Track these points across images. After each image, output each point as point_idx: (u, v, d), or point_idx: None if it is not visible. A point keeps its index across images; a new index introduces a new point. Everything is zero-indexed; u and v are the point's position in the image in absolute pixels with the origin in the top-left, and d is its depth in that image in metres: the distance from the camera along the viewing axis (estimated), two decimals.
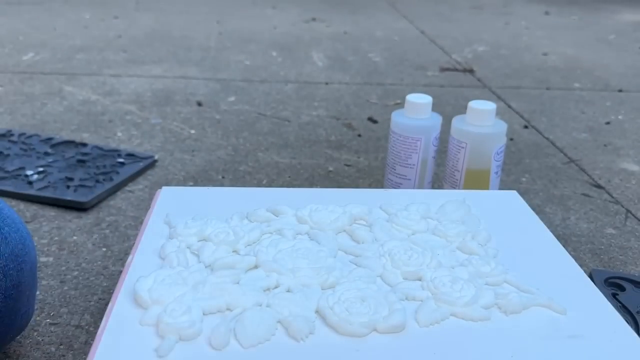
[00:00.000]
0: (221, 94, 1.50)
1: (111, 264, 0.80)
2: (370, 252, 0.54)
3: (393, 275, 0.52)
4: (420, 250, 0.54)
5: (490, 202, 0.67)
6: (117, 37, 2.03)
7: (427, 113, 0.88)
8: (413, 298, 0.49)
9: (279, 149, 1.17)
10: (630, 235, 0.94)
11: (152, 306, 0.46)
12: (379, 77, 1.72)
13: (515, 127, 1.37)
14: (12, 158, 1.06)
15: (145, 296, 0.47)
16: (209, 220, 0.58)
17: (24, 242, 0.59)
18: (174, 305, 0.45)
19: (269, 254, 0.52)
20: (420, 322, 0.46)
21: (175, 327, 0.43)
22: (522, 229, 0.62)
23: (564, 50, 2.14)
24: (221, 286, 0.47)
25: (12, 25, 2.10)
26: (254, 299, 0.46)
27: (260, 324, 0.44)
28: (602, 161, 1.21)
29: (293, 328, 0.44)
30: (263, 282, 0.49)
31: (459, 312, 0.48)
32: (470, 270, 0.52)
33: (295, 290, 0.48)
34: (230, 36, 2.12)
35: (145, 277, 0.49)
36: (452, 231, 0.58)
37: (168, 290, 0.47)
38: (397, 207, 0.62)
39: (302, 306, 0.46)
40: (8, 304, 0.55)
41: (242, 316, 0.44)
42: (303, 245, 0.53)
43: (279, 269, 0.50)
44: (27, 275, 0.58)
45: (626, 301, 0.71)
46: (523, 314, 0.49)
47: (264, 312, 0.45)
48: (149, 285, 0.48)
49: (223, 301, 0.46)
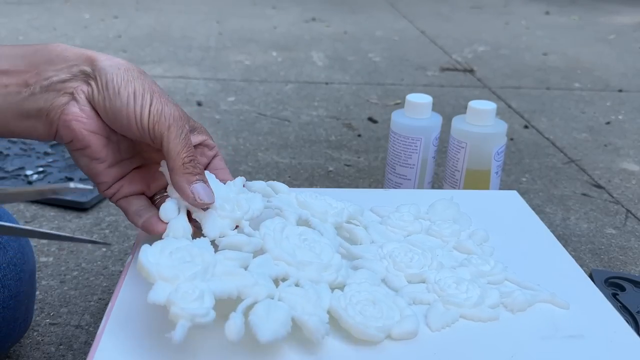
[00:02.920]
0: (221, 94, 1.50)
1: (111, 264, 0.79)
2: (370, 254, 0.54)
3: (397, 278, 0.51)
4: (420, 251, 0.54)
5: (491, 202, 0.67)
6: (117, 37, 2.03)
7: (427, 113, 0.88)
8: (420, 301, 0.49)
9: (279, 149, 1.17)
10: (630, 235, 0.94)
11: (160, 282, 0.43)
12: (379, 77, 1.72)
13: (516, 127, 1.37)
14: (12, 158, 1.06)
15: (152, 270, 0.43)
16: (209, 177, 0.54)
17: (22, 250, 0.58)
18: (185, 287, 0.42)
19: (276, 239, 0.50)
20: (432, 327, 0.46)
21: (190, 313, 0.40)
22: (522, 229, 0.62)
23: (564, 50, 2.14)
24: (231, 270, 0.45)
25: (12, 25, 2.10)
26: (266, 290, 0.44)
27: (277, 319, 0.42)
28: (602, 161, 1.21)
29: (309, 327, 0.43)
30: (272, 270, 0.47)
31: (467, 314, 0.48)
32: (472, 270, 0.52)
33: (305, 286, 0.47)
34: (230, 36, 2.12)
35: (151, 246, 0.45)
36: (446, 231, 0.58)
37: (177, 267, 0.44)
38: (388, 210, 0.62)
39: (314, 304, 0.45)
40: (6, 314, 0.55)
41: (257, 309, 0.43)
42: (309, 236, 0.52)
43: (286, 259, 0.48)
44: (25, 284, 0.58)
45: (626, 301, 0.71)
46: (522, 313, 0.49)
47: (279, 307, 0.43)
48: (155, 258, 0.44)
49: (234, 287, 0.44)
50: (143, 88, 0.47)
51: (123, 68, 0.48)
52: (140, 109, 0.46)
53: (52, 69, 0.47)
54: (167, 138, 0.47)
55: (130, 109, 0.46)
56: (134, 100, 0.46)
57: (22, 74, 0.47)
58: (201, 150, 0.54)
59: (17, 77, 0.46)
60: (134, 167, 0.52)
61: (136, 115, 0.47)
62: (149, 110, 0.46)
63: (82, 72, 0.48)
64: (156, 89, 0.48)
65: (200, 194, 0.48)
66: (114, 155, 0.50)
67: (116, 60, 0.48)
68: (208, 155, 0.54)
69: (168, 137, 0.47)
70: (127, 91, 0.47)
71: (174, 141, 0.47)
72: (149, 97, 0.47)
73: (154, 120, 0.46)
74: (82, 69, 0.48)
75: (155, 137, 0.47)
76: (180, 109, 0.48)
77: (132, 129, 0.47)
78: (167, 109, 0.47)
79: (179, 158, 0.47)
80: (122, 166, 0.51)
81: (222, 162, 0.55)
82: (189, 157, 0.47)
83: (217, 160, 0.55)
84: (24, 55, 0.47)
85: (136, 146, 0.51)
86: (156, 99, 0.47)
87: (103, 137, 0.49)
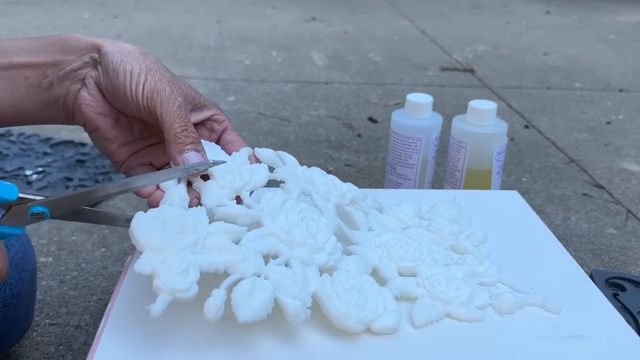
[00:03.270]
0: (221, 94, 1.50)
1: (110, 264, 0.79)
2: (365, 240, 0.53)
3: (389, 268, 0.51)
4: (416, 245, 0.54)
5: (491, 202, 0.67)
6: (117, 37, 2.03)
7: (428, 113, 0.88)
8: (408, 295, 0.49)
9: (279, 148, 1.16)
10: (630, 236, 0.94)
11: (148, 252, 0.42)
12: (379, 77, 1.72)
13: (516, 127, 1.37)
14: (12, 158, 1.06)
15: (142, 239, 0.43)
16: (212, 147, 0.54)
17: (24, 249, 0.58)
18: (171, 260, 0.41)
19: (274, 214, 0.49)
20: (415, 321, 0.46)
21: (171, 287, 0.40)
22: (522, 229, 0.62)
23: (564, 50, 2.13)
24: (222, 244, 0.44)
25: (12, 25, 2.10)
26: (254, 267, 0.44)
27: (260, 298, 0.42)
28: (602, 161, 1.21)
29: (289, 312, 0.43)
30: (264, 246, 0.47)
31: (454, 312, 0.47)
32: (465, 270, 0.52)
33: (294, 266, 0.46)
34: (230, 36, 2.12)
35: (145, 214, 0.44)
36: (446, 229, 0.58)
37: (167, 238, 0.43)
38: (389, 203, 0.62)
39: (299, 287, 0.44)
40: (8, 313, 0.55)
41: (241, 287, 0.43)
42: (309, 214, 0.51)
43: (280, 236, 0.48)
44: (26, 284, 0.58)
45: (627, 301, 0.71)
46: (523, 314, 0.49)
47: (263, 286, 0.43)
48: (147, 226, 0.43)
49: (222, 262, 0.43)
50: (140, 68, 0.50)
51: (124, 51, 0.51)
52: (135, 87, 0.49)
53: (67, 59, 0.50)
54: (160, 112, 0.49)
55: (127, 87, 0.49)
56: (130, 79, 0.49)
57: (41, 67, 0.50)
58: (210, 125, 0.55)
59: (36, 70, 0.50)
60: (146, 146, 0.54)
61: (132, 93, 0.49)
62: (143, 87, 0.49)
63: (92, 59, 0.51)
64: (153, 67, 0.50)
65: (190, 161, 0.49)
66: (124, 135, 0.53)
67: (120, 44, 0.51)
68: (217, 130, 0.55)
69: (161, 111, 0.49)
70: (124, 71, 0.49)
71: (166, 113, 0.49)
72: (144, 75, 0.49)
73: (147, 96, 0.49)
74: (91, 56, 0.51)
75: (150, 113, 0.49)
76: (175, 85, 0.50)
77: (131, 107, 0.50)
78: (159, 85, 0.49)
79: (172, 129, 0.48)
80: (135, 146, 0.54)
81: (234, 134, 0.56)
82: (181, 127, 0.49)
83: (228, 133, 0.55)
84: (40, 48, 0.51)
85: (150, 127, 0.53)
86: (151, 76, 0.49)
87: (111, 118, 0.52)
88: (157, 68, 0.50)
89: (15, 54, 0.50)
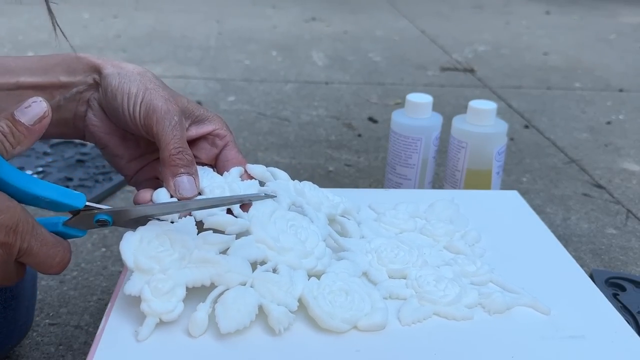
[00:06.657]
0: (221, 94, 1.50)
1: (110, 264, 0.79)
2: (357, 247, 0.54)
3: (378, 272, 0.51)
4: (407, 248, 0.54)
5: (491, 202, 0.67)
6: (117, 37, 2.03)
7: (428, 113, 0.88)
8: (397, 296, 0.49)
9: (279, 148, 1.17)
10: (631, 236, 0.94)
11: (136, 274, 0.45)
12: (379, 77, 1.72)
13: (516, 126, 1.37)
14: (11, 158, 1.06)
15: (130, 262, 0.45)
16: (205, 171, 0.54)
17: None
18: (156, 282, 0.44)
19: (262, 222, 0.50)
20: (402, 320, 0.47)
21: (157, 311, 0.43)
22: (522, 229, 0.62)
23: (564, 50, 2.13)
24: (208, 257, 0.46)
25: (12, 25, 2.10)
26: (239, 277, 0.45)
27: (241, 308, 0.44)
28: (602, 161, 1.21)
29: (272, 318, 0.44)
30: (252, 253, 0.48)
31: (441, 311, 0.48)
32: (456, 270, 0.52)
33: (282, 271, 0.47)
34: (230, 36, 2.12)
35: (132, 234, 0.46)
36: (439, 230, 0.58)
37: (154, 257, 0.45)
38: (385, 207, 0.62)
39: (286, 291, 0.46)
40: (7, 315, 0.55)
41: (225, 298, 0.44)
42: (297, 222, 0.51)
43: (268, 242, 0.49)
44: (27, 285, 0.58)
45: (627, 301, 0.71)
46: (523, 314, 0.49)
47: (247, 294, 0.44)
48: (134, 247, 0.46)
49: (208, 276, 0.45)
50: (137, 88, 0.50)
51: (123, 73, 0.51)
52: (133, 107, 0.50)
53: (72, 81, 0.53)
54: (157, 131, 0.49)
55: (125, 109, 0.50)
56: (128, 99, 0.50)
57: (47, 88, 0.52)
58: (211, 140, 0.55)
59: (43, 91, 0.52)
60: (153, 160, 0.55)
61: (129, 113, 0.50)
62: (140, 107, 0.50)
63: (94, 80, 0.52)
64: (150, 86, 0.51)
65: (181, 186, 0.49)
66: (132, 151, 0.55)
67: (120, 65, 0.52)
68: (218, 145, 0.55)
69: (157, 130, 0.49)
70: (122, 93, 0.50)
71: (162, 133, 0.49)
72: (141, 95, 0.50)
73: (143, 116, 0.50)
74: (94, 77, 0.53)
75: (148, 132, 0.50)
76: (171, 103, 0.50)
77: (131, 126, 0.51)
78: (155, 103, 0.50)
79: (167, 150, 0.49)
80: (142, 160, 0.56)
81: (234, 151, 0.56)
82: (177, 149, 0.49)
83: (228, 150, 0.55)
84: (45, 69, 0.52)
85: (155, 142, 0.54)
86: (147, 95, 0.50)
87: (117, 137, 0.54)
88: (154, 87, 0.51)
89: (21, 74, 0.51)
